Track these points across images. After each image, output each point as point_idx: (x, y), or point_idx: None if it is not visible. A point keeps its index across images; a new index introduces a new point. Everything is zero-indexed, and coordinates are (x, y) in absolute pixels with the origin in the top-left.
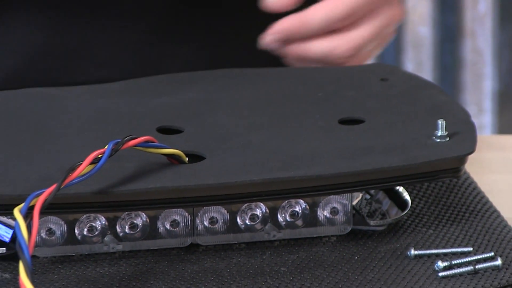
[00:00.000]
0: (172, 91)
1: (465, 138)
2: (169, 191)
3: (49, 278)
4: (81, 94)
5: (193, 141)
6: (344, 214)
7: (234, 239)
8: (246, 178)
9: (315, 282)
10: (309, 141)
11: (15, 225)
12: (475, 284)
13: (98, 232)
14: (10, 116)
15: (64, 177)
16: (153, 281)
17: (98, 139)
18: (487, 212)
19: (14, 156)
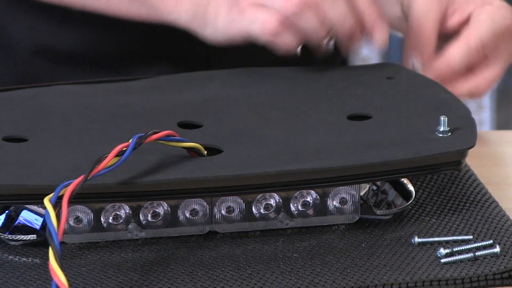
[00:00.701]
0: (192, 88)
1: (466, 133)
2: (188, 182)
3: (76, 263)
4: (106, 91)
5: (211, 135)
6: (353, 204)
7: (250, 227)
8: (261, 170)
9: (325, 267)
10: (319, 136)
11: (45, 213)
12: (475, 270)
13: (122, 220)
14: (41, 111)
15: (91, 168)
16: (173, 266)
17: (122, 133)
18: (486, 202)
19: (44, 148)
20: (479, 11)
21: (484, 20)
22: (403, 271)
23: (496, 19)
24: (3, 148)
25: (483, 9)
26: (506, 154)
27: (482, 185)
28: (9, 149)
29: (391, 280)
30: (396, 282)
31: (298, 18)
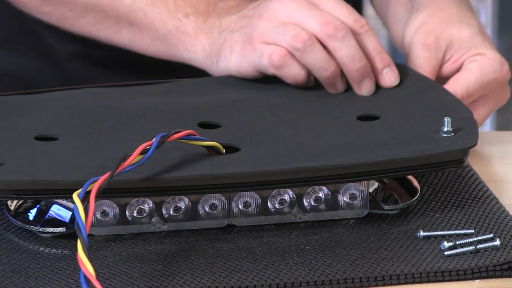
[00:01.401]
0: (212, 91)
1: (468, 133)
2: (208, 178)
3: (103, 254)
4: (131, 94)
5: (229, 134)
6: (362, 199)
7: (265, 221)
8: (276, 167)
9: (336, 259)
10: (331, 135)
11: (74, 207)
12: (477, 262)
13: (146, 214)
14: (71, 112)
15: (117, 165)
16: (194, 258)
17: (146, 132)
18: (487, 199)
19: (73, 147)
20: (470, 59)
21: (472, 70)
22: (409, 263)
23: (484, 71)
24: (35, 146)
25: (474, 59)
26: (505, 153)
27: (483, 182)
28: (40, 148)
29: (397, 271)
30: (403, 273)
31: (303, 54)
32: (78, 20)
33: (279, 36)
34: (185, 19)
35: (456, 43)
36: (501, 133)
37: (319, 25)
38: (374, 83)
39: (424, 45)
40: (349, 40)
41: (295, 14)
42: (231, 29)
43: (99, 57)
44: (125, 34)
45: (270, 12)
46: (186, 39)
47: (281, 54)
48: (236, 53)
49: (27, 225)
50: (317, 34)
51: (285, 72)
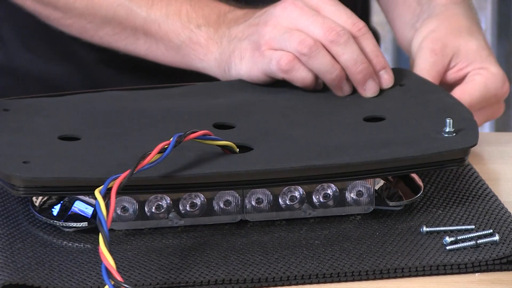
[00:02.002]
0: (226, 93)
1: (468, 134)
2: (222, 176)
3: (123, 248)
4: (150, 96)
5: (243, 135)
6: (368, 196)
7: (276, 217)
8: (287, 165)
9: (343, 253)
10: (339, 135)
11: (96, 203)
12: (477, 256)
13: (164, 209)
14: (93, 113)
15: (137, 163)
16: (209, 251)
17: (164, 132)
18: (487, 196)
19: (96, 146)
20: (475, 72)
21: (477, 83)
22: (412, 257)
23: (488, 86)
24: (59, 146)
25: (479, 72)
26: (504, 153)
27: (483, 180)
28: (64, 147)
29: (402, 264)
30: (407, 267)
31: (309, 58)
32: (97, 31)
33: (286, 42)
34: (197, 30)
35: (463, 53)
36: (500, 134)
37: (322, 32)
38: (378, 85)
39: (432, 50)
40: (351, 45)
41: (299, 20)
42: (239, 37)
43: (121, 62)
44: (141, 45)
45: (274, 19)
46: (199, 49)
47: (289, 59)
48: (246, 60)
49: (51, 220)
50: (321, 40)
51: (293, 75)
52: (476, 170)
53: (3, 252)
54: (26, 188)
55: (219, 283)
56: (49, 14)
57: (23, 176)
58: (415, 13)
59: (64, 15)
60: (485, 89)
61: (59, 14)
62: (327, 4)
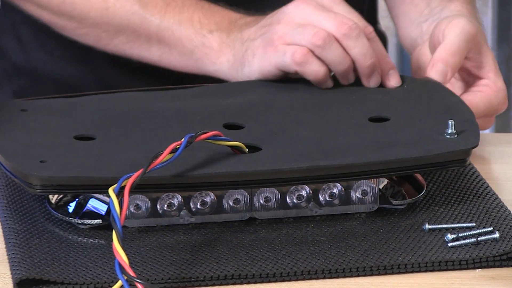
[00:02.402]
0: (236, 95)
1: (470, 135)
2: (232, 175)
3: (136, 244)
4: (162, 97)
5: (252, 135)
6: (372, 195)
7: (284, 214)
8: (294, 165)
9: (349, 249)
10: (344, 135)
11: (109, 201)
12: (478, 253)
13: (175, 207)
14: (107, 114)
15: (149, 163)
16: (218, 248)
17: (176, 133)
18: (487, 195)
19: (109, 146)
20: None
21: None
22: (415, 253)
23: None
24: (74, 145)
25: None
26: (504, 154)
27: (484, 180)
28: (79, 146)
29: (405, 260)
30: (410, 263)
31: (323, 50)
32: (112, 40)
33: (299, 36)
34: (210, 35)
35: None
36: (500, 135)
37: (334, 25)
38: (380, 77)
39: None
40: (362, 39)
41: (311, 16)
42: (251, 38)
43: (135, 64)
44: (154, 52)
45: (287, 16)
46: (211, 53)
47: (303, 52)
48: (258, 56)
49: (66, 217)
50: (334, 33)
51: (307, 68)
52: (477, 169)
53: (20, 247)
54: (43, 186)
55: (229, 278)
56: (65, 24)
57: (40, 175)
58: (423, 14)
59: (79, 25)
60: (489, 104)
61: (74, 24)
62: (339, 5)
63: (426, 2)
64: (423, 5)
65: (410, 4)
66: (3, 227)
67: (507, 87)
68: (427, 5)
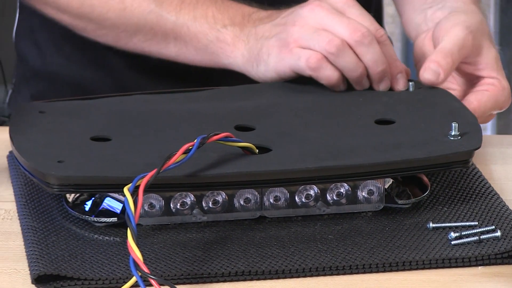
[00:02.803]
0: (247, 97)
1: (473, 137)
2: (243, 175)
3: (150, 241)
4: (176, 100)
5: (262, 136)
6: (378, 194)
7: (293, 213)
8: (303, 166)
9: (355, 247)
10: (351, 137)
11: (125, 200)
12: (480, 251)
13: (188, 206)
14: (123, 115)
15: (163, 163)
16: (229, 245)
17: (189, 134)
18: (489, 194)
19: (125, 146)
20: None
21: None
22: (419, 251)
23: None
24: (91, 146)
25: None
26: (505, 155)
27: (486, 180)
28: (96, 147)
29: (409, 258)
30: (414, 260)
31: (337, 57)
32: (131, 39)
33: (314, 41)
34: (224, 30)
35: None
36: (501, 137)
37: (348, 32)
38: (389, 82)
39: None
40: (374, 46)
41: (326, 20)
42: (266, 36)
43: (150, 68)
44: (171, 48)
45: (302, 19)
46: (226, 47)
47: (318, 57)
48: (273, 56)
49: (83, 215)
50: (347, 40)
51: (321, 73)
52: (479, 170)
53: (38, 245)
54: (60, 186)
55: (239, 274)
56: (85, 26)
57: (57, 174)
58: (427, 1)
59: (98, 26)
60: (495, 102)
61: (94, 25)
62: (352, 8)
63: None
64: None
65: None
66: (21, 225)
67: None
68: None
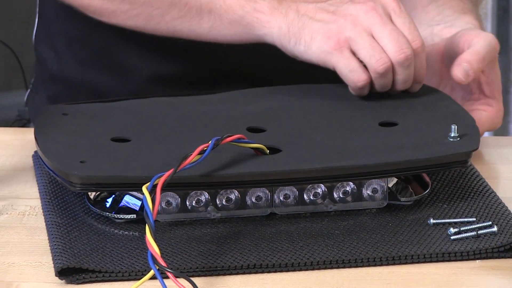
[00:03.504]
0: (258, 100)
1: (471, 139)
2: (255, 175)
3: (166, 236)
4: (191, 103)
5: (273, 138)
6: (382, 192)
7: (302, 210)
8: (311, 166)
9: (360, 242)
10: (357, 139)
11: (143, 198)
12: (478, 245)
13: (203, 204)
14: (141, 117)
15: (179, 163)
16: (242, 240)
17: (203, 135)
18: (487, 192)
19: (143, 147)
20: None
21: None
22: (421, 245)
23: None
24: (111, 147)
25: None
26: (502, 155)
27: (483, 179)
28: (116, 148)
29: (411, 252)
30: (416, 254)
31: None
32: (164, 17)
33: (366, 54)
34: (261, 1)
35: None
36: (498, 138)
37: (394, 50)
38: None
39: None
40: (410, 69)
41: (377, 29)
42: (310, 16)
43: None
44: (205, 23)
45: (354, 18)
46: (262, 17)
47: (365, 80)
48: (318, 42)
49: (104, 212)
50: (392, 58)
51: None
52: (477, 169)
53: (62, 239)
54: (82, 184)
55: (251, 267)
56: (116, 8)
57: (80, 174)
58: (434, 19)
59: (131, 6)
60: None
61: (126, 6)
62: (399, 16)
63: (438, 11)
64: (434, 13)
65: (422, 11)
66: (46, 220)
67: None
68: (438, 13)
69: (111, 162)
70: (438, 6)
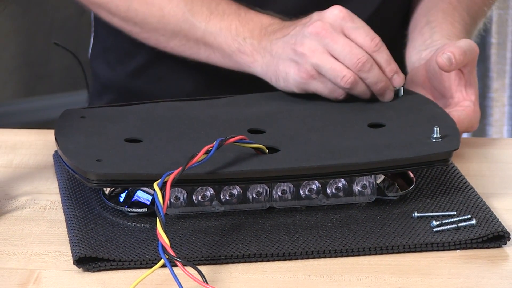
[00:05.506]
0: (259, 105)
1: (452, 139)
2: (255, 172)
3: (175, 228)
4: (198, 106)
5: (272, 138)
6: (371, 188)
7: (298, 204)
8: (307, 164)
9: (351, 233)
10: (348, 139)
11: (154, 193)
12: (458, 236)
13: (208, 198)
14: (153, 120)
15: (187, 162)
16: (243, 231)
17: (209, 136)
18: (466, 188)
19: (154, 147)
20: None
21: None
22: (406, 237)
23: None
24: (125, 147)
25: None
26: (480, 154)
27: (463, 176)
28: (129, 148)
29: (397, 243)
30: (401, 245)
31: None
32: (168, 43)
33: (332, 76)
34: (244, 42)
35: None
36: (477, 139)
37: (352, 63)
38: (392, 92)
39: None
40: (373, 70)
41: (331, 47)
42: (279, 54)
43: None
44: (202, 53)
45: (310, 45)
46: (246, 58)
47: (344, 94)
48: (292, 76)
49: (118, 206)
50: (352, 69)
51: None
52: (458, 167)
53: (79, 231)
54: (99, 181)
55: (252, 256)
56: (131, 29)
57: (96, 172)
58: (425, 43)
59: (141, 30)
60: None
61: (138, 29)
62: (348, 24)
63: (430, 34)
64: (427, 36)
65: (418, 33)
66: (65, 213)
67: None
68: (429, 36)
69: (125, 161)
70: (431, 28)
